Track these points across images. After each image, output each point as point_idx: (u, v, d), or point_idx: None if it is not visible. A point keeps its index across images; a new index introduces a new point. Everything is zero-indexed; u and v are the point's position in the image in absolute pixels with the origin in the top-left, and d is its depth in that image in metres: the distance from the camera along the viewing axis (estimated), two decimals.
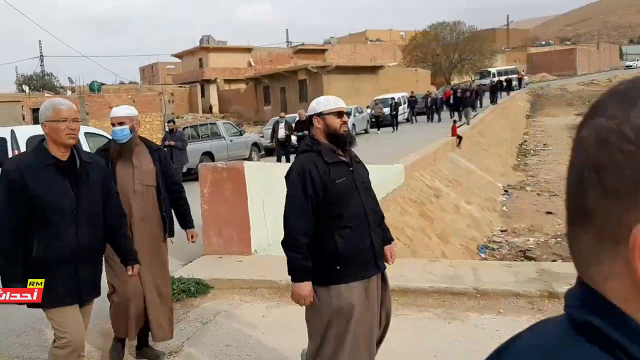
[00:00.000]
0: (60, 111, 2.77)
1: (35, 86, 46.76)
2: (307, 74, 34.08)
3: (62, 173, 2.79)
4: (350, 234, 2.77)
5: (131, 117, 3.77)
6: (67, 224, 2.77)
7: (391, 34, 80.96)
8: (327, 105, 2.89)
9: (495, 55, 59.36)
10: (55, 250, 2.76)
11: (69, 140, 2.79)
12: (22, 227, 2.73)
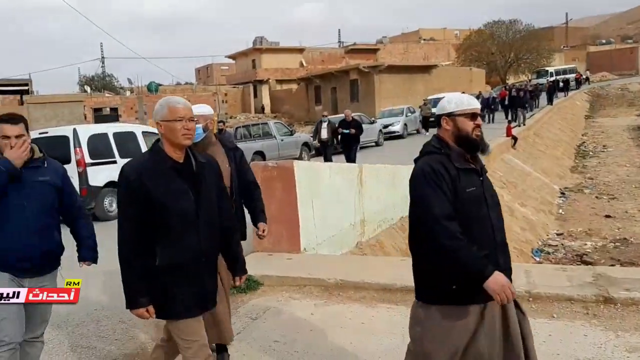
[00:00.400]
0: (176, 110, 2.62)
1: (96, 87, 48.69)
2: (358, 74, 34.01)
3: (181, 176, 2.65)
4: None
5: (205, 115, 3.68)
6: (189, 229, 2.62)
7: (445, 32, 79.68)
8: (459, 105, 2.56)
9: (553, 54, 57.43)
10: (179, 257, 2.60)
11: (185, 141, 2.63)
12: (144, 235, 2.59)
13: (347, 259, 6.84)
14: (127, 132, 11.48)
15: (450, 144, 2.54)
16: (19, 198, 2.97)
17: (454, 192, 2.41)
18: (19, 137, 2.95)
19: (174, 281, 2.61)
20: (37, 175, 3.03)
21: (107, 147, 10.59)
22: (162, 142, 2.67)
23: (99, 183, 10.09)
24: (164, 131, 2.63)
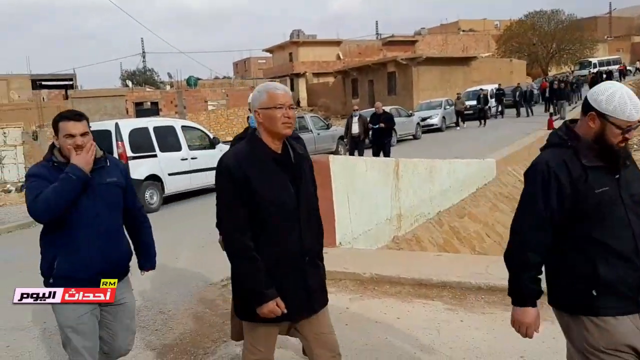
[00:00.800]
0: (276, 96, 2.43)
1: (137, 81, 49.72)
2: (396, 66, 33.73)
3: (281, 167, 2.46)
4: (615, 262, 2.09)
5: None
6: (291, 225, 2.43)
7: (485, 23, 78.03)
8: (618, 113, 2.10)
9: (596, 45, 55.71)
10: (279, 255, 2.42)
11: (284, 130, 2.44)
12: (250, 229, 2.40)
13: (383, 253, 6.83)
14: (167, 127, 11.72)
15: (581, 136, 2.19)
16: (89, 204, 2.76)
17: (575, 195, 2.10)
18: (83, 135, 2.76)
19: (275, 282, 2.39)
20: (104, 177, 2.85)
21: (148, 141, 10.84)
22: (259, 132, 2.49)
23: (140, 176, 10.33)
24: (262, 119, 2.45)
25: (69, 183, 2.65)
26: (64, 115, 2.77)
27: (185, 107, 31.60)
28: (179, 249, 7.26)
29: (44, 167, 2.78)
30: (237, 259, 2.42)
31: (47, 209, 2.62)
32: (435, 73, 33.47)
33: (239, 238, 2.37)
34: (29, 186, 2.72)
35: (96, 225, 2.76)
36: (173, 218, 9.91)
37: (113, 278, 2.85)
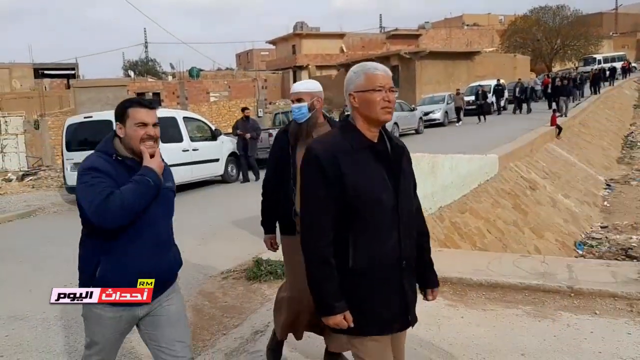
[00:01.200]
0: (375, 77, 2.15)
1: (140, 72, 49.63)
2: (399, 60, 33.59)
3: (378, 159, 2.17)
4: None
5: (311, 92, 3.29)
6: (389, 225, 2.14)
7: (489, 18, 77.73)
8: None
9: (601, 41, 55.46)
10: (376, 259, 2.13)
11: (384, 116, 2.16)
12: (338, 229, 2.12)
13: None
14: (169, 118, 11.67)
15: None
16: (151, 210, 2.45)
17: None
18: (155, 126, 2.46)
19: (369, 288, 2.15)
20: (164, 180, 2.55)
21: None
22: (353, 118, 2.21)
23: None
24: (359, 104, 2.17)
25: (147, 188, 2.36)
26: (135, 101, 2.48)
27: (187, 98, 31.53)
28: (178, 240, 7.20)
29: (106, 162, 2.40)
30: (311, 264, 2.13)
31: (122, 215, 2.29)
32: (439, 67, 33.33)
33: (318, 241, 2.10)
34: (90, 182, 2.32)
35: (152, 232, 2.47)
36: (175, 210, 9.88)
37: (161, 288, 2.56)
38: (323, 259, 2.10)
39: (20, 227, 9.85)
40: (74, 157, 10.59)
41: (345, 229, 2.11)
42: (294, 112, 3.25)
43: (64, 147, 10.94)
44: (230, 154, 12.92)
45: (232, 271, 5.73)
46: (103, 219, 2.27)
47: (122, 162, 2.43)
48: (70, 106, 31.12)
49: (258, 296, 5.02)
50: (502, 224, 10.21)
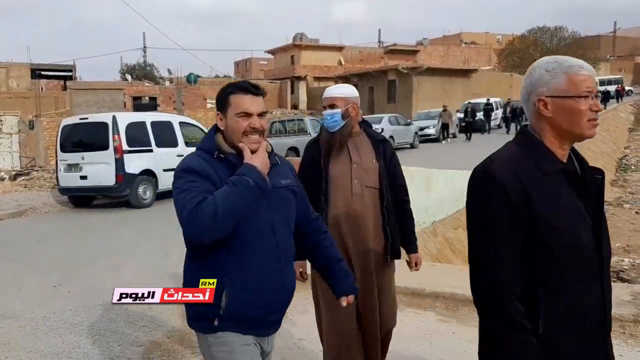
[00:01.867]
0: (581, 79, 1.60)
1: (137, 76, 49.64)
2: (396, 75, 33.75)
3: (573, 186, 1.61)
4: None
5: (346, 98, 2.92)
6: (589, 275, 1.58)
7: (487, 37, 78.41)
8: None
9: (598, 64, 56.06)
10: (572, 321, 1.55)
11: (590, 131, 1.63)
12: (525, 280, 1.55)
13: None
14: (165, 122, 11.66)
15: None
16: (264, 213, 2.01)
17: None
18: (261, 115, 2.05)
19: None
20: (277, 178, 2.09)
21: (145, 135, 10.78)
22: (537, 130, 1.65)
23: (134, 170, 10.26)
24: (554, 112, 1.60)
25: (247, 190, 1.88)
26: (238, 86, 2.06)
27: (183, 103, 31.52)
28: (170, 246, 7.18)
29: (206, 161, 1.99)
30: (502, 328, 1.52)
31: (215, 225, 1.83)
32: (436, 83, 33.50)
33: (509, 297, 1.51)
34: (183, 186, 1.92)
35: (271, 242, 2.01)
36: (166, 215, 9.82)
37: (280, 313, 2.10)
38: (519, 320, 1.50)
39: (11, 226, 9.75)
40: (68, 158, 10.54)
41: (532, 281, 1.54)
42: (326, 120, 2.96)
43: (58, 148, 10.88)
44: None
45: None
46: (194, 232, 1.87)
47: (224, 160, 2.00)
48: (66, 108, 31.05)
49: None
50: None
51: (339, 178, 2.95)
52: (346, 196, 2.93)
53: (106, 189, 10.43)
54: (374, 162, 2.98)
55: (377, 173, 2.97)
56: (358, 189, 2.93)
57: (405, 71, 33.15)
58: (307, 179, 2.81)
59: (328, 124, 2.95)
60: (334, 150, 2.95)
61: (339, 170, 2.95)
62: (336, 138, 2.93)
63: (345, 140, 2.94)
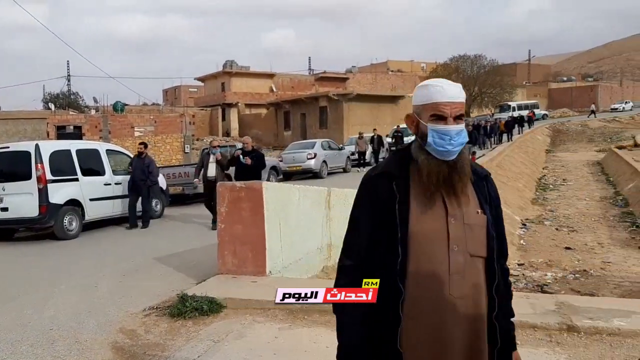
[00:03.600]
0: None
1: (61, 104, 47.79)
2: (327, 101, 34.34)
3: None
4: None
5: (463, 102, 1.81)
6: None
7: (412, 65, 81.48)
8: None
9: (515, 90, 59.49)
10: None
11: None
12: None
13: (313, 282, 6.77)
14: (91, 150, 11.27)
15: None
16: None
17: None
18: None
19: None
20: None
21: (70, 164, 10.37)
22: None
23: (59, 200, 9.83)
24: None
25: None
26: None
27: (110, 132, 30.62)
28: (98, 276, 6.90)
29: None
30: None
31: None
32: (365, 109, 34.34)
33: None
34: None
35: None
36: (93, 245, 9.44)
37: None
38: None
39: None
40: None
41: None
42: (442, 140, 1.75)
43: None
44: None
45: (155, 308, 5.50)
46: None
47: None
48: None
49: (183, 333, 4.83)
50: None
51: (428, 240, 1.74)
52: (439, 272, 1.73)
53: (29, 221, 9.89)
54: (480, 214, 1.81)
55: (484, 232, 1.81)
56: (459, 260, 1.74)
57: (336, 98, 33.81)
58: (370, 238, 1.81)
59: (446, 147, 1.75)
60: (447, 191, 1.77)
61: (428, 226, 1.75)
62: (458, 170, 1.78)
63: (466, 181, 1.81)
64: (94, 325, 5.03)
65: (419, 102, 1.83)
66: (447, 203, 1.77)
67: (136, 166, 11.15)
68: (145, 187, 11.12)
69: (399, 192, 1.77)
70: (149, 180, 11.17)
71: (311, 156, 20.20)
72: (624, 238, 16.10)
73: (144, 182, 11.08)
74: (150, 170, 11.26)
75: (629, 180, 22.74)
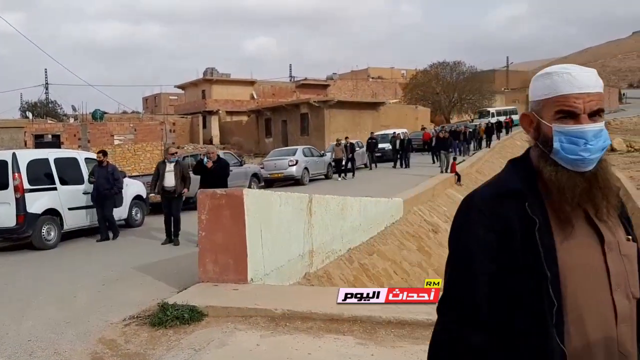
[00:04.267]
0: None
1: (38, 113, 47.17)
2: (309, 108, 34.37)
3: None
4: None
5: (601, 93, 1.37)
6: None
7: (392, 72, 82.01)
8: None
9: (494, 96, 60.21)
10: None
11: None
12: None
13: (295, 289, 6.78)
14: (70, 159, 11.15)
15: None
16: None
17: None
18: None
19: None
20: None
21: (48, 173, 10.24)
22: None
23: (37, 210, 9.70)
24: None
25: None
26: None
27: (89, 140, 30.32)
28: (77, 287, 6.82)
29: None
30: None
31: None
32: (346, 116, 34.44)
33: None
34: None
35: None
36: (72, 255, 9.32)
37: None
38: None
39: None
40: None
41: None
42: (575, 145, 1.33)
43: None
44: (135, 197, 12.44)
45: (136, 317, 5.45)
46: None
47: None
48: None
49: (163, 342, 4.80)
50: (407, 266, 10.51)
51: (585, 279, 1.32)
52: (606, 322, 1.31)
53: (6, 231, 9.73)
54: (630, 242, 1.40)
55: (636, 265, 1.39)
56: (625, 303, 1.33)
57: (317, 104, 33.85)
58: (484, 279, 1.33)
59: (580, 155, 1.34)
60: (558, 216, 1.35)
61: (581, 260, 1.33)
62: (598, 191, 1.36)
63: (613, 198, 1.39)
64: (73, 335, 4.98)
65: (539, 96, 1.39)
66: (598, 228, 1.34)
67: (99, 175, 10.46)
68: (111, 196, 10.52)
69: (536, 215, 1.31)
70: (115, 188, 10.57)
71: (293, 163, 20.21)
72: None
73: (110, 191, 10.45)
74: (116, 177, 10.67)
75: None
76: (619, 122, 54.60)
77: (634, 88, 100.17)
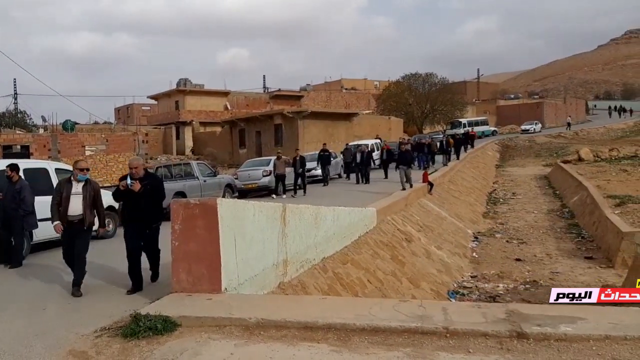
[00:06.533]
0: None
1: (7, 123, 46.19)
2: (282, 119, 34.44)
3: None
4: None
5: None
6: None
7: (365, 83, 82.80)
8: None
9: (466, 107, 61.34)
10: None
11: None
12: None
13: (269, 298, 6.76)
14: (40, 169, 10.97)
15: None
16: None
17: None
18: None
19: None
20: None
21: None
22: None
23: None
24: None
25: None
26: None
27: (59, 151, 29.81)
28: (47, 299, 6.69)
29: None
30: None
31: None
32: (320, 127, 34.61)
33: None
34: None
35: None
36: (42, 267, 9.13)
37: None
38: None
39: None
40: None
41: None
42: None
43: None
44: (106, 207, 12.25)
45: (107, 328, 5.37)
46: None
47: None
48: None
49: (136, 353, 4.74)
50: (381, 274, 10.57)
51: None
52: None
53: None
54: None
55: None
56: None
57: (290, 115, 33.95)
58: None
59: None
60: None
61: None
62: None
63: None
64: (42, 348, 4.88)
65: None
66: None
67: (7, 192, 9.10)
68: (19, 218, 9.09)
69: None
70: (21, 210, 9.08)
71: (266, 173, 20.17)
72: (571, 249, 16.72)
73: (16, 211, 9.06)
74: (22, 196, 9.09)
75: (574, 193, 23.64)
76: (586, 132, 55.94)
77: (600, 99, 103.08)
